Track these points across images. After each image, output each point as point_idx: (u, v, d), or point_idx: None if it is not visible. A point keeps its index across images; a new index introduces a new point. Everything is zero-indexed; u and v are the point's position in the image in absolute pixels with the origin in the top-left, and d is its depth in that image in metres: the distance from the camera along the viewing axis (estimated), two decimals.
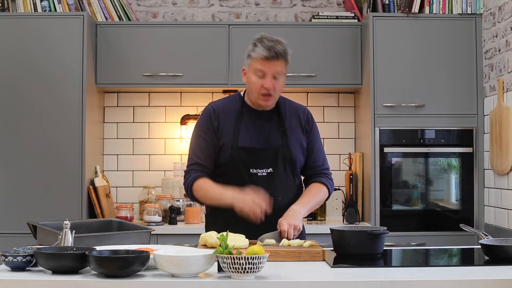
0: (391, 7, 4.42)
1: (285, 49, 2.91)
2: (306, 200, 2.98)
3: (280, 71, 2.91)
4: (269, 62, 2.88)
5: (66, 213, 4.03)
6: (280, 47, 2.89)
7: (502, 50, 4.07)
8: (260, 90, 2.91)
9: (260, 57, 2.88)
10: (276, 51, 2.87)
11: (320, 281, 2.16)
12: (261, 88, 2.90)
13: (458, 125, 4.36)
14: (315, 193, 3.02)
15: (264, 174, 2.94)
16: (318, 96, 4.85)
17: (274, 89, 2.91)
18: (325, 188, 3.05)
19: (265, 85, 2.89)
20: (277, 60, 2.88)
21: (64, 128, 4.25)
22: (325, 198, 3.07)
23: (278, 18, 4.89)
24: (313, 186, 3.04)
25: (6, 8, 4.41)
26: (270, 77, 2.89)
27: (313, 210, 3.13)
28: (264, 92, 2.90)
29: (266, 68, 2.88)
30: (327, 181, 3.06)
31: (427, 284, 2.15)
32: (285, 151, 2.96)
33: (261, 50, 2.88)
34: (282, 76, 2.93)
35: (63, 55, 4.27)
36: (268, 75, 2.89)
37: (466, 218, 4.31)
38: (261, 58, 2.88)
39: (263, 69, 2.88)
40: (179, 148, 4.80)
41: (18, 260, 2.24)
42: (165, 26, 4.55)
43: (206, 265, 2.16)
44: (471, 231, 2.85)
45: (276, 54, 2.87)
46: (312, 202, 3.00)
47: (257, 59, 2.89)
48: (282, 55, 2.89)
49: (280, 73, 2.91)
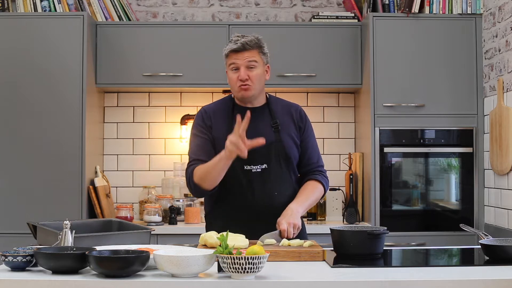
0: (391, 7, 4.42)
1: (252, 39, 3.00)
2: (303, 198, 2.99)
3: (253, 61, 2.97)
4: (238, 54, 2.97)
5: (66, 213, 4.03)
6: (247, 39, 2.99)
7: (502, 50, 4.07)
8: (236, 83, 2.98)
9: (228, 51, 2.99)
10: (242, 42, 2.97)
11: (320, 281, 2.16)
12: (237, 81, 2.98)
13: (458, 125, 4.36)
14: (311, 191, 3.03)
15: (258, 170, 2.95)
16: (318, 96, 4.85)
17: (250, 78, 2.97)
18: (321, 185, 3.06)
19: (239, 77, 2.96)
20: (246, 51, 2.97)
21: (64, 128, 4.25)
22: (321, 195, 3.09)
23: (278, 18, 4.89)
24: (309, 184, 3.05)
25: (6, 8, 4.41)
26: (243, 68, 2.97)
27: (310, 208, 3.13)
28: (240, 83, 2.97)
29: (237, 61, 2.97)
30: (322, 178, 3.07)
31: (427, 284, 2.15)
32: (278, 147, 2.98)
33: (229, 46, 3.00)
34: (257, 65, 2.99)
35: (63, 55, 4.27)
36: (241, 66, 2.97)
37: (466, 218, 4.31)
38: (229, 52, 2.99)
39: (234, 62, 2.98)
40: (179, 148, 4.80)
41: (18, 260, 2.24)
42: (165, 26, 4.55)
43: (206, 265, 2.16)
44: (471, 231, 2.85)
45: (242, 45, 2.97)
46: (309, 200, 3.01)
47: (228, 55, 3.00)
48: (249, 45, 2.98)
49: (253, 62, 2.97)
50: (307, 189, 3.03)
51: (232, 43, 3.00)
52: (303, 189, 3.04)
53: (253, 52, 2.99)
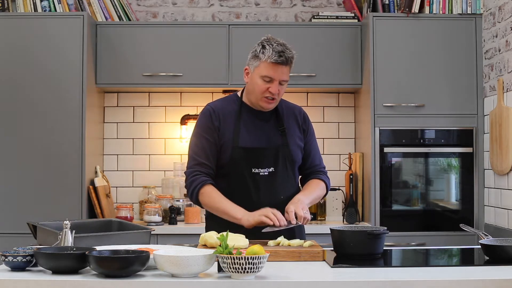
0: (391, 7, 4.42)
1: (293, 54, 2.90)
2: (308, 192, 3.00)
3: (287, 77, 2.90)
4: (278, 67, 2.85)
5: (66, 213, 4.04)
6: (289, 52, 2.87)
7: (502, 50, 4.07)
8: (264, 93, 2.89)
9: (270, 60, 2.84)
10: (287, 56, 2.86)
11: (320, 281, 2.16)
12: (265, 92, 2.89)
13: (458, 125, 4.36)
14: (316, 187, 3.04)
15: (266, 174, 2.94)
16: (318, 96, 4.85)
17: (279, 94, 2.91)
18: (324, 184, 3.07)
19: (271, 90, 2.87)
20: (285, 66, 2.87)
21: (64, 128, 4.25)
22: (323, 194, 3.09)
23: (278, 18, 4.89)
24: (313, 181, 3.06)
25: (6, 8, 4.41)
26: (276, 83, 2.87)
27: (313, 204, 3.13)
28: (269, 95, 2.89)
29: (274, 74, 2.86)
30: (325, 178, 3.09)
31: (427, 284, 2.15)
32: (285, 151, 2.97)
33: (272, 54, 2.85)
34: (287, 81, 2.92)
35: (63, 55, 4.27)
36: (276, 80, 2.87)
37: (466, 218, 4.31)
38: (271, 62, 2.85)
39: (271, 74, 2.86)
40: (179, 148, 4.80)
41: (18, 260, 2.24)
42: (165, 26, 4.55)
43: (206, 265, 2.16)
44: (471, 231, 2.86)
45: (286, 59, 2.86)
46: (313, 194, 3.01)
47: (266, 63, 2.86)
48: (291, 61, 2.89)
49: (286, 79, 2.90)
50: (312, 185, 3.04)
51: (273, 51, 2.84)
52: (307, 185, 3.05)
53: (289, 68, 2.91)
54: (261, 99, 2.91)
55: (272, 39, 2.90)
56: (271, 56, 2.84)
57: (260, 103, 2.93)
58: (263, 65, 2.87)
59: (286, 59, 2.85)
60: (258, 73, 2.88)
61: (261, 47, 2.89)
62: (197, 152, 2.94)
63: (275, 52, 2.84)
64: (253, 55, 2.91)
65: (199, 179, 2.90)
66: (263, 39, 2.92)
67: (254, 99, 2.94)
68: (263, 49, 2.87)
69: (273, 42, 2.88)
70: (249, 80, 2.94)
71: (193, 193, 2.91)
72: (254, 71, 2.90)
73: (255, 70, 2.90)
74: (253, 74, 2.91)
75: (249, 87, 2.95)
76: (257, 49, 2.90)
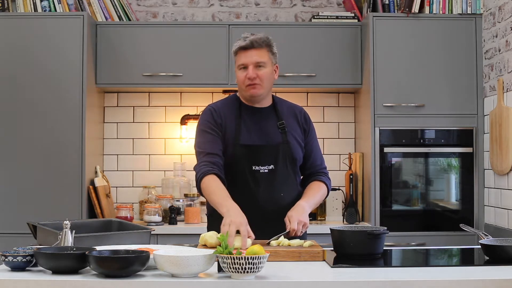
0: (391, 7, 4.42)
1: (262, 38, 2.97)
2: (310, 197, 2.99)
3: (262, 60, 2.95)
4: (246, 52, 2.94)
5: (66, 213, 4.04)
6: (256, 37, 2.96)
7: (502, 50, 4.07)
8: (244, 81, 2.95)
9: (237, 49, 2.96)
10: (251, 40, 2.94)
11: (320, 281, 2.16)
12: (245, 79, 2.95)
13: (458, 125, 4.36)
14: (317, 191, 3.04)
15: (266, 171, 2.95)
16: (318, 96, 4.85)
17: (259, 77, 2.94)
18: (325, 186, 3.07)
19: (247, 75, 2.93)
20: (255, 49, 2.94)
21: (64, 128, 4.25)
22: (325, 196, 3.10)
23: (278, 18, 4.89)
24: (314, 184, 3.06)
25: (6, 8, 4.41)
26: (251, 67, 2.93)
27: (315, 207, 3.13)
28: (248, 82, 2.94)
29: (245, 59, 2.94)
30: (326, 179, 3.09)
31: (427, 284, 2.15)
32: (286, 148, 2.98)
33: (237, 43, 2.97)
34: (266, 65, 2.96)
35: (63, 55, 4.27)
36: (250, 65, 2.93)
37: (466, 218, 4.31)
38: (238, 49, 2.96)
39: (242, 61, 2.95)
40: (179, 148, 4.80)
41: (18, 260, 2.24)
42: (165, 26, 4.55)
43: (206, 265, 2.16)
44: (471, 231, 2.86)
45: (251, 42, 2.94)
46: (315, 199, 3.01)
47: (236, 53, 2.97)
48: (259, 43, 2.95)
49: (261, 62, 2.95)
50: (313, 188, 3.04)
51: (241, 40, 2.97)
52: (309, 188, 3.05)
53: (262, 51, 2.96)
54: (245, 89, 2.97)
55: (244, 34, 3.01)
56: (237, 45, 2.97)
57: (245, 93, 2.98)
58: (236, 57, 2.99)
59: (251, 42, 2.94)
60: (236, 66, 2.99)
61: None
62: (203, 145, 2.94)
63: (240, 40, 2.97)
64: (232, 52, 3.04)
65: (203, 169, 2.87)
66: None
67: (241, 91, 3.01)
68: (234, 44, 3.02)
69: (243, 35, 3.00)
70: (236, 78, 3.03)
71: (197, 183, 2.91)
72: (235, 66, 3.01)
73: (235, 65, 3.02)
74: (235, 70, 3.02)
75: (237, 82, 3.03)
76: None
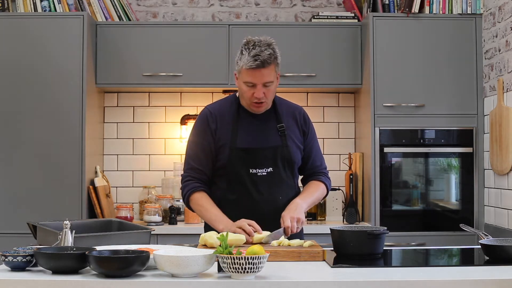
0: (391, 7, 4.42)
1: (271, 53, 2.83)
2: (307, 195, 3.00)
3: (270, 79, 2.86)
4: (256, 72, 2.82)
5: (66, 213, 4.04)
6: (266, 53, 2.81)
7: (502, 50, 4.07)
8: (251, 99, 2.88)
9: (246, 67, 2.82)
10: (262, 59, 2.80)
11: (320, 281, 2.16)
12: (251, 97, 2.88)
13: (458, 125, 4.36)
14: (315, 189, 3.03)
15: (264, 174, 2.94)
16: (318, 96, 4.85)
17: (266, 96, 2.88)
18: (324, 186, 3.06)
19: (255, 95, 2.86)
20: (264, 68, 2.82)
21: (64, 128, 4.25)
22: (323, 196, 3.09)
23: (278, 18, 4.89)
24: (313, 183, 3.06)
25: (6, 8, 4.41)
26: (260, 87, 2.84)
27: (312, 206, 3.13)
28: (255, 101, 2.88)
29: (254, 79, 2.83)
30: (325, 179, 3.08)
31: (427, 284, 2.15)
32: (284, 151, 2.96)
33: (247, 60, 2.81)
34: (273, 81, 2.88)
35: (63, 55, 4.27)
36: (258, 84, 2.84)
37: (466, 218, 4.31)
38: (247, 68, 2.82)
39: (252, 80, 2.84)
40: (179, 148, 4.79)
41: (18, 260, 2.24)
42: (165, 26, 4.54)
43: (206, 265, 2.16)
44: (471, 231, 2.85)
45: (262, 62, 2.80)
46: (312, 197, 3.01)
47: (244, 70, 2.84)
48: (269, 62, 2.82)
49: (270, 81, 2.86)
50: (311, 187, 3.04)
51: (249, 57, 2.80)
52: (306, 187, 3.05)
53: (270, 68, 2.84)
54: (251, 104, 2.91)
55: (250, 42, 2.86)
56: (246, 62, 2.81)
57: (250, 107, 2.94)
58: (243, 72, 2.85)
59: (262, 62, 2.80)
60: (241, 79, 2.88)
61: (239, 53, 2.87)
62: (192, 156, 2.99)
63: (251, 57, 2.80)
64: (236, 61, 2.90)
65: (190, 185, 2.95)
66: (243, 43, 2.89)
67: (245, 104, 2.95)
68: (241, 55, 2.86)
69: (250, 45, 2.84)
70: (238, 85, 2.95)
71: (184, 198, 2.99)
72: (239, 77, 2.90)
73: (239, 76, 2.90)
74: (238, 80, 2.91)
75: (239, 92, 2.97)
76: (237, 55, 2.90)
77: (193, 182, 2.95)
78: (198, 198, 2.93)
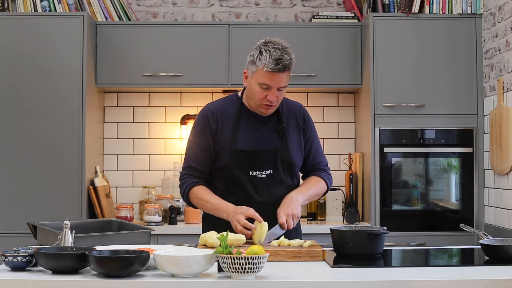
0: (391, 7, 4.42)
1: (291, 58, 2.80)
2: (305, 188, 2.97)
3: (285, 84, 2.83)
4: (275, 75, 2.77)
5: (66, 213, 4.04)
6: (287, 57, 2.77)
7: (502, 50, 4.08)
8: (263, 100, 2.84)
9: (267, 69, 2.76)
10: (284, 64, 2.76)
11: (320, 281, 2.16)
12: (263, 99, 2.83)
13: (458, 125, 4.36)
14: (313, 184, 3.01)
15: (264, 176, 2.92)
16: (318, 96, 4.85)
17: (277, 99, 2.85)
18: (323, 181, 3.03)
19: (269, 98, 2.81)
20: (283, 73, 2.78)
21: (64, 128, 4.25)
22: (323, 191, 3.05)
23: (278, 18, 4.89)
24: (311, 178, 3.03)
25: (6, 8, 4.41)
26: (274, 90, 2.80)
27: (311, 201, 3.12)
28: (267, 103, 2.84)
29: (272, 82, 2.78)
30: (325, 175, 3.05)
31: (427, 284, 2.15)
32: (284, 153, 2.94)
33: (268, 62, 2.75)
34: (286, 86, 2.85)
35: (63, 55, 4.27)
36: (273, 88, 2.80)
37: (466, 218, 4.31)
38: (268, 70, 2.76)
39: (269, 82, 2.78)
40: (179, 148, 4.79)
41: (18, 260, 2.24)
42: (165, 26, 4.55)
43: (206, 265, 2.16)
44: (471, 231, 2.86)
45: (283, 67, 2.76)
46: (310, 191, 2.97)
47: (262, 71, 2.77)
48: (289, 67, 2.80)
49: (285, 85, 2.83)
50: (309, 181, 3.02)
51: (270, 59, 2.75)
52: (306, 181, 3.04)
53: (287, 74, 2.81)
54: (260, 106, 2.87)
55: (270, 43, 2.80)
56: (267, 64, 2.75)
57: (259, 109, 2.89)
58: (260, 72, 2.78)
59: (283, 66, 2.76)
60: (256, 80, 2.81)
61: (258, 53, 2.80)
62: (191, 156, 2.98)
63: (272, 60, 2.75)
64: (251, 60, 2.83)
65: (188, 181, 2.94)
66: (261, 42, 2.83)
67: (253, 104, 2.90)
68: (260, 55, 2.78)
69: (271, 47, 2.78)
70: (248, 84, 2.89)
71: (184, 195, 2.97)
72: (252, 76, 2.84)
73: (253, 75, 2.83)
74: (251, 79, 2.85)
75: (248, 92, 2.91)
76: (254, 54, 2.82)
77: (191, 178, 2.94)
78: (197, 191, 2.91)
